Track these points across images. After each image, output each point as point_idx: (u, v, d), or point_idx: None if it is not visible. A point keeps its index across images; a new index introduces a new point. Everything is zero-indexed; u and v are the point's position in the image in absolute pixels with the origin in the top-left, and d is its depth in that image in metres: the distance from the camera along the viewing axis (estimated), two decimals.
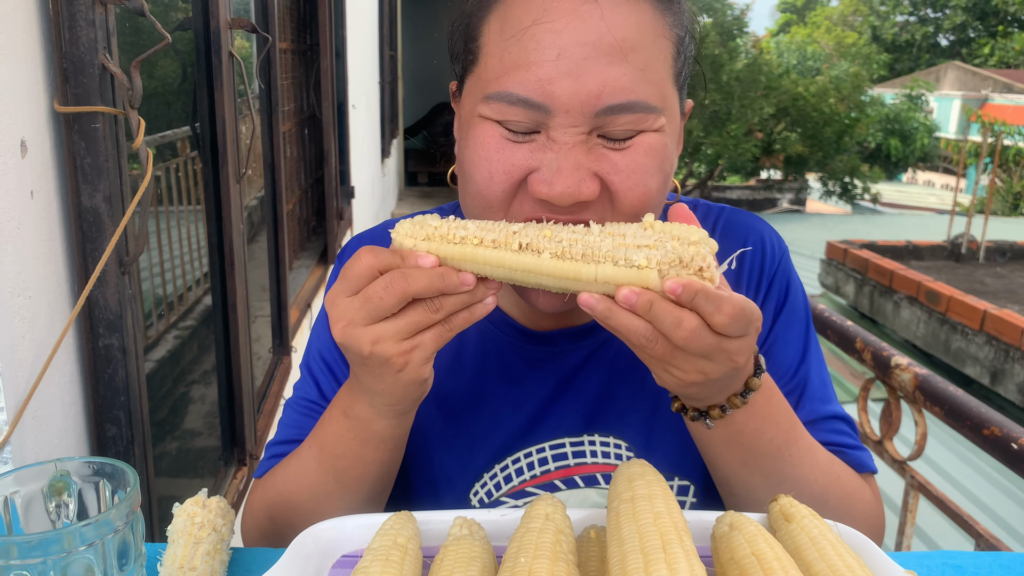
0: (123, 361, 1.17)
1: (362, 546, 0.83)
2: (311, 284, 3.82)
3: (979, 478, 5.55)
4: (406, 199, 10.21)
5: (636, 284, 0.73)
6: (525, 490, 1.02)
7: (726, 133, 17.24)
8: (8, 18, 0.95)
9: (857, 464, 1.01)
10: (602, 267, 0.74)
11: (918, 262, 10.80)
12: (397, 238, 0.79)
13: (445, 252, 0.77)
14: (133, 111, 1.11)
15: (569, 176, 0.78)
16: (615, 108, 0.78)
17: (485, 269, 0.77)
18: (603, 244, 0.75)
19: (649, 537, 0.70)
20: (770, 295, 1.02)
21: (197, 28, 1.85)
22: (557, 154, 0.79)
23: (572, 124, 0.78)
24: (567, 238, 0.75)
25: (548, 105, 0.78)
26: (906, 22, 44.36)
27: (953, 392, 1.96)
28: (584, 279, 0.75)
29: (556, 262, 0.75)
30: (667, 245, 0.74)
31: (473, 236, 0.77)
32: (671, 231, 0.75)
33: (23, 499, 0.75)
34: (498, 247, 0.76)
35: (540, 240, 0.76)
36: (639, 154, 0.80)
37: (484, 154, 0.82)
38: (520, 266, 0.76)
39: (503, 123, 0.81)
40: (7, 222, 0.94)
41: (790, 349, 1.02)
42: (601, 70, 0.77)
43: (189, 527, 0.84)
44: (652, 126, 0.80)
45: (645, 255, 0.73)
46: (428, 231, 0.78)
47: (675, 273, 0.73)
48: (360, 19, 5.72)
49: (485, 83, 0.82)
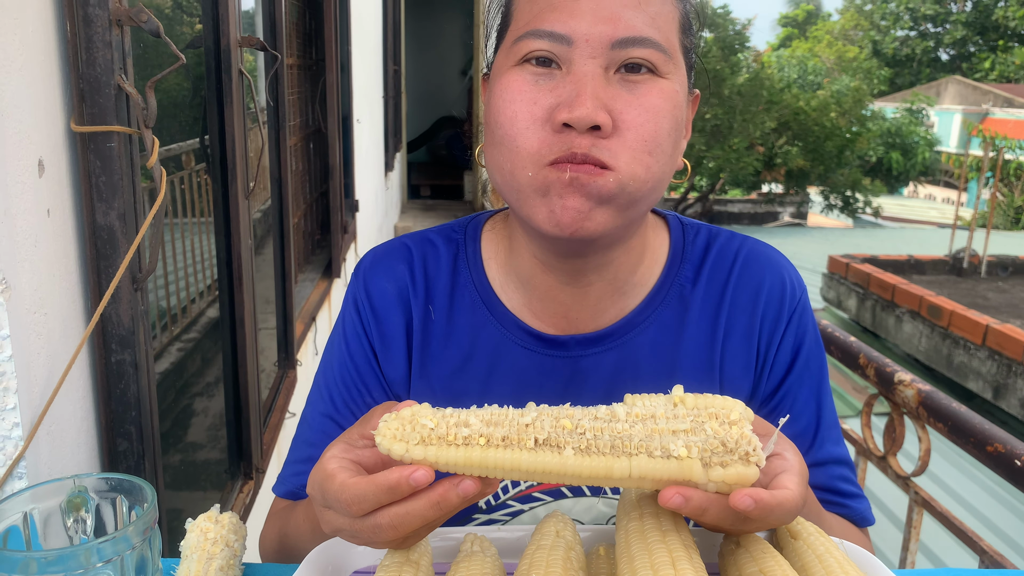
0: (135, 376, 1.18)
1: (374, 562, 0.84)
2: (316, 297, 3.83)
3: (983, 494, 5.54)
4: (409, 212, 10.25)
5: (678, 478, 0.67)
6: (532, 495, 1.03)
7: (728, 147, 17.29)
8: (27, 40, 0.97)
9: (859, 519, 1.06)
10: (636, 460, 0.66)
11: (920, 276, 10.81)
12: (383, 442, 0.68)
13: (446, 458, 0.67)
14: (147, 130, 1.12)
15: (588, 101, 0.83)
16: (629, 41, 0.85)
17: (496, 474, 0.68)
18: (633, 432, 0.67)
19: (658, 554, 0.71)
20: (787, 336, 1.04)
21: (208, 46, 1.88)
22: (577, 83, 0.85)
23: (591, 55, 0.85)
24: (590, 427, 0.67)
25: (570, 36, 0.85)
26: (907, 37, 44.52)
27: (956, 408, 1.97)
28: (617, 476, 0.67)
29: (582, 459, 0.66)
30: (706, 428, 0.67)
31: (478, 435, 0.67)
32: (705, 406, 0.69)
33: (41, 515, 0.76)
34: (510, 446, 0.67)
35: (559, 433, 0.67)
36: (652, 95, 0.87)
37: (509, 96, 0.88)
38: (539, 467, 0.67)
39: (528, 58, 0.88)
40: (24, 240, 0.96)
41: (805, 393, 1.04)
42: (618, 10, 0.85)
43: (202, 543, 0.85)
44: (665, 71, 0.88)
45: (684, 442, 0.67)
46: (423, 433, 0.68)
47: (718, 461, 0.67)
48: (365, 34, 5.77)
49: (515, 32, 0.90)
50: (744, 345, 1.03)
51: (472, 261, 1.06)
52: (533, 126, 0.86)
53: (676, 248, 1.06)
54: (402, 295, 1.05)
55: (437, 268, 1.06)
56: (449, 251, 1.07)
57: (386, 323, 1.05)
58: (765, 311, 1.03)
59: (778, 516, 0.72)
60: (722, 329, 1.03)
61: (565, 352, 1.02)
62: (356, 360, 1.05)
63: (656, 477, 0.67)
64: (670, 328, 1.03)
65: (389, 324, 1.04)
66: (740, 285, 1.04)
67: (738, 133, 17.27)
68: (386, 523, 0.71)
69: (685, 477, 0.67)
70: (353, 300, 1.07)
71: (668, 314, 1.03)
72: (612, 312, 1.03)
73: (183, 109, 1.94)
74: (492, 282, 1.05)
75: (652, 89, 0.87)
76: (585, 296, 1.01)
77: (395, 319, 1.04)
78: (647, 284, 1.04)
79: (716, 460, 0.67)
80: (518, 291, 1.04)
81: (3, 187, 0.90)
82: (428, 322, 1.04)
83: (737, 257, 1.05)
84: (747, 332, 1.03)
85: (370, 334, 1.05)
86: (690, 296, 1.03)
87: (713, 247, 1.06)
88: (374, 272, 1.07)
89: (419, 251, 1.07)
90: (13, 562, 0.67)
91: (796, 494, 0.73)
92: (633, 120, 0.86)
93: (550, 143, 0.85)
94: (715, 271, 1.05)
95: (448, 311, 1.04)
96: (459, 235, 1.09)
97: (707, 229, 1.09)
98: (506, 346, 1.03)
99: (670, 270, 1.05)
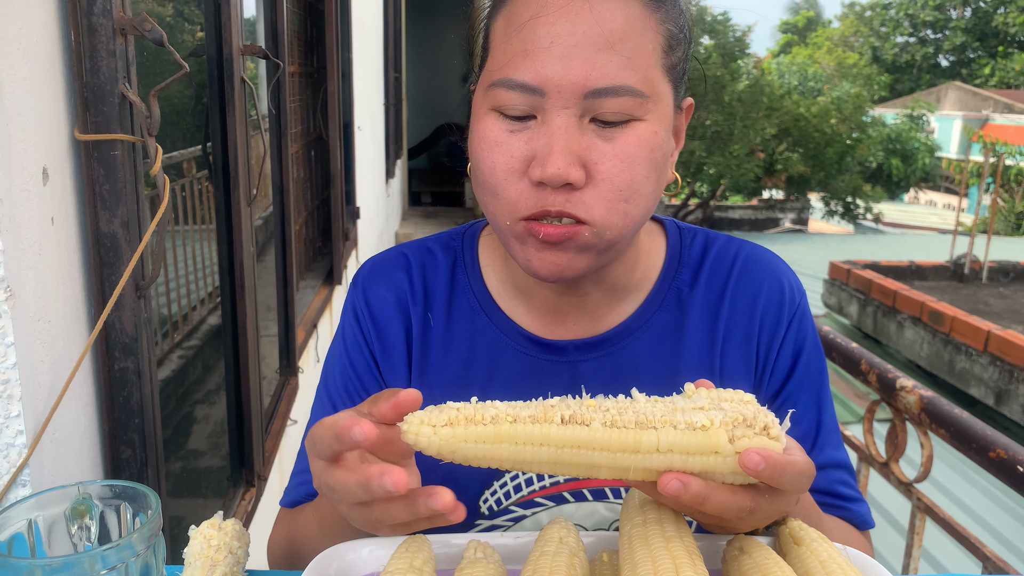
0: (138, 384, 1.19)
1: (377, 569, 0.84)
2: (317, 304, 3.83)
3: (986, 500, 5.52)
4: (410, 219, 10.26)
5: (705, 449, 0.68)
6: (534, 500, 1.03)
7: (728, 153, 17.30)
8: (32, 49, 0.97)
9: (860, 521, 1.06)
10: (663, 432, 0.67)
11: (921, 282, 10.79)
12: (411, 429, 0.69)
13: (474, 435, 0.68)
14: (151, 138, 1.13)
15: (560, 158, 0.83)
16: (602, 91, 0.83)
17: (525, 451, 0.68)
18: (655, 410, 0.68)
19: (661, 560, 0.71)
20: (786, 341, 1.04)
21: (210, 54, 1.88)
22: (550, 138, 0.84)
23: (564, 106, 0.84)
24: (613, 407, 0.69)
25: (542, 87, 0.84)
26: (906, 43, 44.59)
27: (959, 415, 1.97)
28: (646, 449, 0.67)
29: (610, 432, 0.67)
30: (723, 406, 0.68)
31: (506, 415, 0.69)
32: (718, 395, 0.71)
33: (45, 522, 0.76)
34: (538, 422, 0.68)
35: (584, 410, 0.68)
36: (628, 144, 0.85)
37: (486, 147, 0.88)
38: (568, 441, 0.67)
39: (502, 110, 0.87)
40: (29, 248, 0.96)
41: (805, 398, 1.04)
42: (589, 56, 0.83)
43: (206, 550, 0.85)
44: (641, 114, 0.86)
45: (706, 416, 0.67)
46: (450, 415, 0.69)
47: (741, 433, 0.68)
48: (366, 41, 5.78)
49: (489, 75, 0.89)
50: (743, 350, 1.03)
51: (470, 268, 1.07)
52: (511, 177, 0.87)
53: (673, 252, 1.07)
54: (401, 303, 1.05)
55: (435, 275, 1.07)
56: (447, 258, 1.08)
57: (386, 331, 1.05)
58: (764, 315, 1.04)
59: (790, 479, 0.71)
60: (721, 333, 1.03)
61: (563, 357, 1.02)
62: (358, 369, 1.05)
63: (684, 449, 0.67)
64: (669, 332, 1.03)
65: (389, 332, 1.05)
66: (739, 289, 1.04)
67: (738, 139, 17.28)
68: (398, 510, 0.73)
69: (712, 448, 0.67)
70: (353, 309, 1.08)
71: (666, 318, 1.03)
72: (610, 317, 1.03)
73: (185, 117, 1.94)
74: (490, 288, 1.06)
75: (629, 137, 0.85)
76: (582, 303, 1.02)
77: (395, 327, 1.05)
78: (644, 289, 1.04)
79: (739, 433, 0.68)
80: (515, 298, 1.05)
81: (8, 195, 0.91)
82: (427, 329, 1.05)
83: (735, 261, 1.06)
84: (746, 337, 1.03)
85: (371, 342, 1.05)
86: (688, 300, 1.04)
87: (711, 251, 1.07)
88: (373, 281, 1.08)
89: (417, 259, 1.08)
90: (18, 569, 0.67)
91: (806, 460, 0.73)
92: (608, 171, 0.85)
93: (525, 197, 0.86)
94: (713, 275, 1.05)
95: (447, 318, 1.05)
96: (457, 243, 1.10)
97: (704, 233, 1.09)
98: (505, 351, 1.03)
99: (667, 274, 1.05)
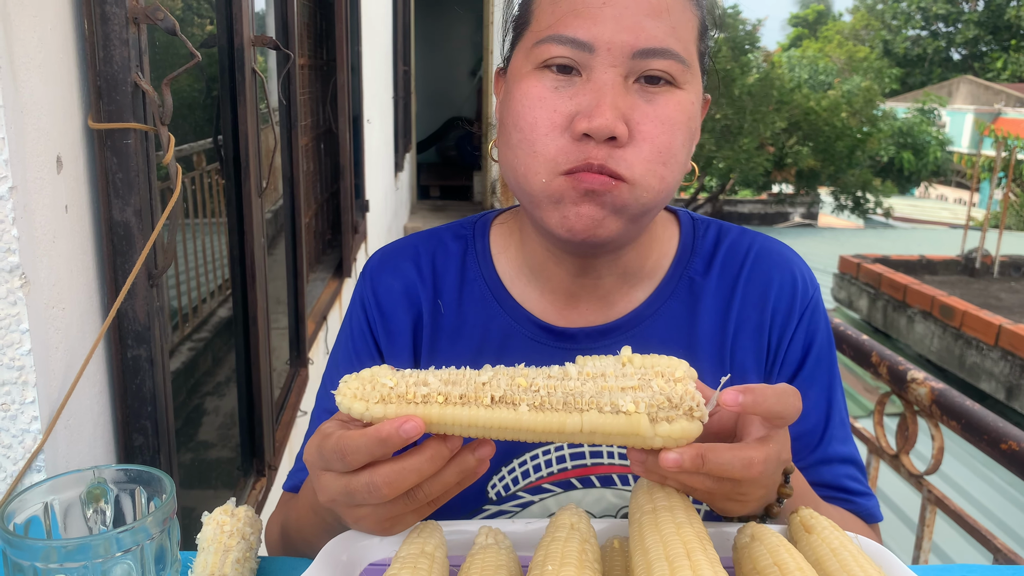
0: (150, 372, 1.19)
1: (389, 554, 0.85)
2: (327, 297, 3.85)
3: (996, 493, 5.51)
4: (418, 212, 10.27)
5: (627, 432, 0.70)
6: (542, 486, 1.03)
7: (738, 147, 17.25)
8: (45, 38, 0.98)
9: (866, 515, 1.05)
10: (587, 416, 0.69)
11: (932, 277, 10.75)
12: (344, 401, 0.70)
13: (404, 414, 0.69)
14: (163, 127, 1.13)
15: (608, 111, 0.84)
16: (650, 52, 0.86)
17: (455, 431, 0.71)
18: (585, 389, 0.70)
19: (673, 546, 0.71)
20: (798, 333, 1.04)
21: (221, 45, 1.89)
22: (598, 93, 0.86)
23: (612, 64, 0.86)
24: (544, 385, 0.70)
25: (592, 43, 0.86)
26: (918, 36, 44.32)
27: (970, 406, 1.96)
28: (569, 431, 0.70)
29: (536, 415, 0.69)
30: (652, 384, 0.70)
31: (437, 393, 0.70)
32: (652, 365, 0.71)
33: (61, 505, 0.77)
34: (467, 403, 0.69)
35: (515, 391, 0.70)
36: (668, 107, 0.88)
37: (529, 102, 0.89)
38: (495, 423, 0.69)
39: (548, 62, 0.88)
40: (43, 236, 0.97)
41: (815, 391, 1.04)
42: (639, 19, 0.86)
43: (219, 535, 0.85)
44: (681, 82, 0.88)
45: (632, 398, 0.69)
46: (382, 392, 0.70)
47: (664, 416, 0.70)
48: (375, 34, 5.78)
49: (535, 34, 0.90)
50: (754, 341, 1.03)
51: (481, 256, 1.07)
52: (552, 132, 0.87)
53: (686, 242, 1.07)
54: (409, 292, 1.06)
55: (446, 264, 1.07)
56: (458, 247, 1.08)
57: (392, 319, 1.05)
58: (776, 307, 1.03)
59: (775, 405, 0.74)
60: (733, 324, 1.03)
61: (574, 344, 1.02)
62: (362, 359, 1.06)
63: (606, 431, 0.69)
64: (681, 320, 1.03)
65: (395, 320, 1.05)
66: (751, 280, 1.04)
67: (748, 133, 17.23)
68: (381, 480, 0.72)
69: (633, 431, 0.69)
70: (360, 299, 1.08)
71: (678, 306, 1.03)
72: (622, 304, 1.03)
73: (195, 109, 1.95)
74: (502, 276, 1.06)
75: (670, 101, 0.88)
76: (595, 288, 1.02)
77: (401, 315, 1.05)
78: (656, 276, 1.05)
79: (662, 415, 0.70)
80: (528, 284, 1.05)
81: (22, 183, 0.91)
82: (438, 317, 1.05)
83: (749, 252, 1.06)
84: (758, 328, 1.03)
85: (376, 332, 1.06)
86: (701, 289, 1.04)
87: (724, 242, 1.06)
88: (381, 270, 1.08)
89: (427, 248, 1.08)
90: (35, 551, 0.68)
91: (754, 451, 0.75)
92: (649, 131, 0.87)
93: (567, 152, 0.87)
94: (727, 266, 1.05)
95: (457, 305, 1.05)
96: (468, 231, 1.10)
97: (718, 224, 1.09)
98: (516, 338, 1.03)
99: (680, 262, 1.05)
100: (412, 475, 0.72)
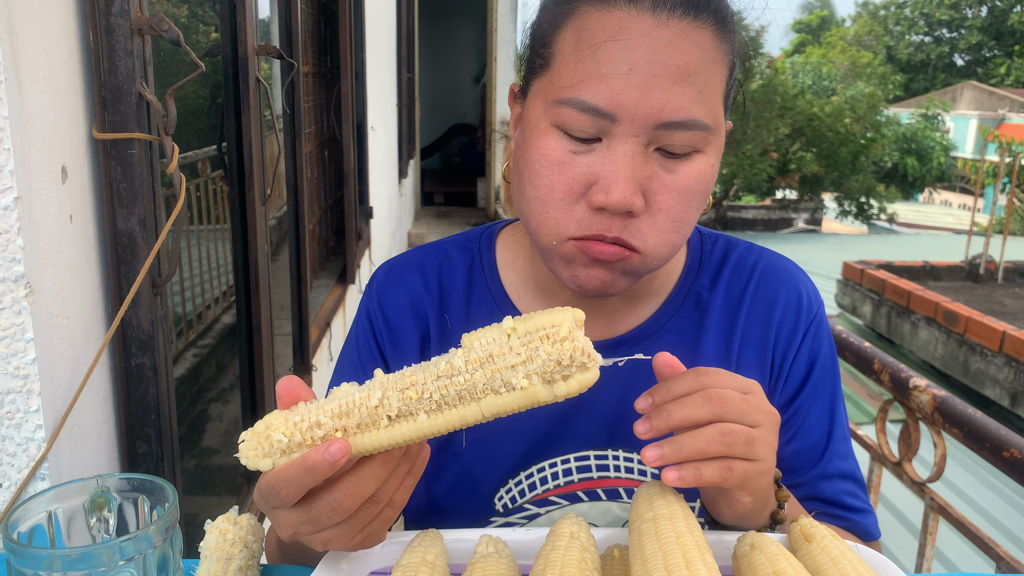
0: (154, 380, 1.20)
1: (390, 563, 0.85)
2: (331, 303, 3.85)
3: (999, 500, 5.49)
4: (422, 219, 10.28)
5: (527, 403, 0.70)
6: (549, 499, 1.03)
7: (741, 153, 17.25)
8: (51, 49, 0.99)
9: (862, 533, 1.04)
10: (485, 402, 0.70)
11: (935, 283, 10.72)
12: (249, 463, 0.71)
13: (331, 439, 0.70)
14: (167, 137, 1.14)
15: (626, 186, 0.83)
16: (674, 124, 0.83)
17: (367, 453, 0.71)
18: (476, 379, 0.69)
19: (672, 555, 0.71)
20: (802, 350, 1.04)
21: (226, 54, 1.90)
22: (616, 164, 0.83)
23: (634, 134, 0.83)
24: (435, 388, 0.70)
25: (615, 113, 0.82)
26: (921, 42, 44.31)
27: (972, 414, 1.96)
28: (471, 420, 0.70)
29: (436, 418, 0.70)
30: (540, 352, 0.69)
31: (333, 429, 0.70)
32: (537, 328, 0.70)
33: (65, 514, 0.77)
34: (366, 429, 0.70)
35: (408, 404, 0.69)
36: (688, 177, 0.86)
37: (547, 165, 0.87)
38: (400, 438, 0.70)
39: (567, 128, 0.85)
40: (48, 245, 0.98)
41: (818, 408, 1.04)
42: (666, 87, 0.82)
43: (221, 543, 0.86)
44: (704, 147, 0.86)
45: (523, 372, 0.69)
46: (280, 447, 0.70)
47: (559, 376, 0.69)
48: (379, 42, 5.80)
49: (557, 89, 0.86)
50: (759, 356, 1.03)
51: (488, 270, 1.07)
52: (568, 199, 0.86)
53: (694, 256, 1.07)
54: (415, 306, 1.06)
55: (452, 278, 1.07)
56: (464, 260, 1.08)
57: (399, 333, 1.06)
58: (781, 323, 1.04)
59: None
60: (738, 339, 1.03)
61: None
62: (368, 371, 1.06)
63: (508, 409, 0.70)
64: (687, 335, 1.03)
65: (402, 334, 1.05)
66: (757, 296, 1.04)
67: (752, 139, 17.22)
68: (342, 493, 0.71)
69: (532, 401, 0.70)
70: (366, 312, 1.08)
71: (685, 321, 1.04)
72: (629, 320, 1.04)
73: (200, 117, 1.96)
74: (508, 290, 1.06)
75: (690, 171, 0.86)
76: (602, 304, 1.02)
77: (408, 329, 1.05)
78: (663, 292, 1.05)
79: (558, 376, 0.69)
80: (535, 299, 1.05)
81: (28, 193, 0.92)
82: (445, 332, 1.05)
83: (755, 269, 1.06)
84: (762, 344, 1.03)
85: (382, 345, 1.06)
86: (707, 304, 1.04)
87: (731, 257, 1.07)
88: (387, 284, 1.08)
89: (432, 262, 1.08)
90: (38, 559, 0.68)
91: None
92: (666, 203, 0.86)
93: (581, 221, 0.86)
94: (733, 281, 1.05)
95: (465, 320, 1.05)
96: (473, 244, 1.10)
97: (725, 239, 1.09)
98: None
99: (687, 278, 1.05)
100: (371, 480, 0.72)
